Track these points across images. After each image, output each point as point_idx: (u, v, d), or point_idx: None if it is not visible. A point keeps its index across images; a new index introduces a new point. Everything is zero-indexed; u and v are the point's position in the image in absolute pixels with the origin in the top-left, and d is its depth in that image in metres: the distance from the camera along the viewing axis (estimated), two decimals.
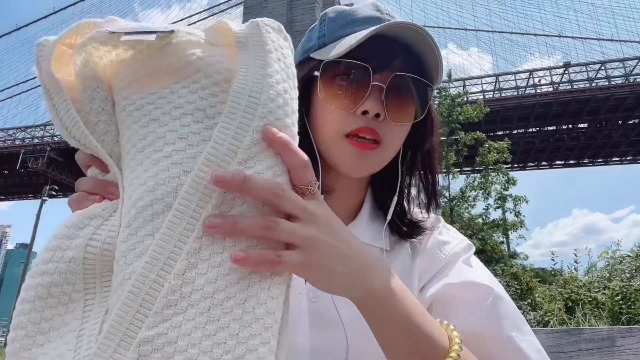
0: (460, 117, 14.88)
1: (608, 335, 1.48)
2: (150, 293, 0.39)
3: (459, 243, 0.74)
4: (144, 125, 0.44)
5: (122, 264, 0.41)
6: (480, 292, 0.65)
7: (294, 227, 0.42)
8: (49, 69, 0.45)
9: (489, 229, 14.52)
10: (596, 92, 23.91)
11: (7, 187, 37.53)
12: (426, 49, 0.63)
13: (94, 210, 0.45)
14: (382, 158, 0.68)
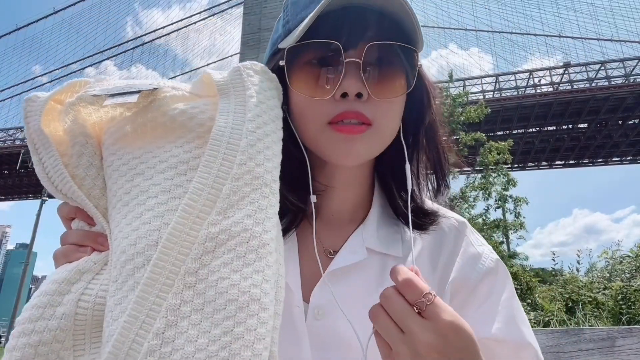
0: (462, 117, 14.88)
1: (608, 335, 1.48)
2: (130, 354, 0.38)
3: (490, 254, 0.69)
4: (130, 180, 0.45)
5: (109, 319, 0.40)
6: (529, 356, 0.62)
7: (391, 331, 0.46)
8: (37, 124, 0.46)
9: (489, 230, 14.52)
10: (596, 92, 23.92)
11: (7, 187, 37.54)
12: (400, 11, 0.55)
13: (85, 264, 0.44)
14: (375, 140, 0.59)
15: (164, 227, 0.41)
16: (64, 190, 0.47)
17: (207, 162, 0.43)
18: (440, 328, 0.45)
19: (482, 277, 0.65)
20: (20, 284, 31.33)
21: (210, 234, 0.41)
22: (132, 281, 0.40)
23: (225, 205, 0.42)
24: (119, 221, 0.44)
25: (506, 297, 0.65)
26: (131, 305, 0.39)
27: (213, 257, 0.40)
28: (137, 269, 0.40)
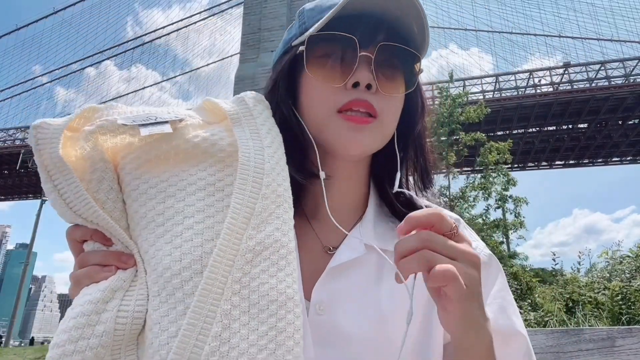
0: (461, 117, 14.89)
1: (608, 335, 1.48)
2: (192, 357, 0.42)
3: (484, 249, 0.71)
4: (161, 201, 0.49)
5: (157, 330, 0.44)
6: (521, 345, 0.65)
7: (457, 265, 0.47)
8: (55, 151, 0.47)
9: (489, 230, 14.51)
10: (596, 92, 23.92)
11: (7, 187, 37.52)
12: (412, 18, 0.61)
13: (116, 283, 0.47)
14: (379, 133, 0.63)
15: (205, 243, 0.46)
16: (85, 214, 0.49)
17: (240, 185, 0.50)
18: (469, 243, 0.50)
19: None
20: (20, 284, 31.38)
21: (248, 246, 0.47)
22: (181, 293, 0.44)
23: (258, 221, 0.49)
24: (154, 241, 0.48)
25: (497, 289, 0.67)
26: (189, 314, 0.43)
27: (252, 266, 0.47)
28: (184, 282, 0.45)
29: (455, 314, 0.48)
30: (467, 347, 0.52)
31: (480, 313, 0.50)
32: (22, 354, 22.28)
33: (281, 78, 0.67)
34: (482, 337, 0.51)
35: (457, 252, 0.47)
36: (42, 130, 0.49)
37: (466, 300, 0.47)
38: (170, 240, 0.47)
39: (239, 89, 31.87)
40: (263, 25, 31.24)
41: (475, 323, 0.50)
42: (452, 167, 14.93)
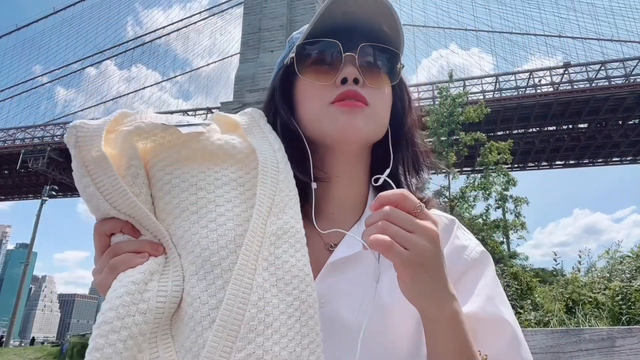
0: (461, 117, 14.87)
1: (608, 335, 1.48)
2: (234, 323, 0.49)
3: (476, 247, 0.75)
4: (193, 193, 0.57)
5: (198, 304, 0.50)
6: (505, 331, 0.67)
7: (405, 234, 0.52)
8: (98, 148, 0.53)
9: (489, 230, 14.51)
10: (596, 92, 23.90)
11: (7, 187, 37.51)
12: (387, 21, 0.68)
13: (151, 267, 0.53)
14: (372, 119, 0.69)
15: (236, 227, 0.55)
16: (121, 205, 0.54)
17: (262, 180, 0.59)
18: (434, 221, 0.55)
19: (468, 267, 0.72)
20: (20, 284, 31.40)
21: (272, 230, 0.56)
22: (219, 270, 0.52)
23: (278, 210, 0.58)
24: (189, 226, 0.55)
25: (486, 282, 0.71)
26: (230, 286, 0.50)
27: (275, 247, 0.55)
28: (222, 259, 0.52)
29: (404, 280, 0.53)
30: (429, 318, 0.56)
31: (435, 284, 0.54)
32: (22, 354, 22.27)
33: (277, 87, 0.75)
34: (444, 309, 0.55)
35: (414, 225, 0.52)
36: (82, 129, 0.54)
37: (411, 268, 0.52)
38: (206, 225, 0.54)
39: (239, 89, 31.78)
40: (263, 25, 31.25)
41: (431, 293, 0.54)
42: (452, 167, 14.92)
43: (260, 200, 0.57)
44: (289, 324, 0.51)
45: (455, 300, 0.57)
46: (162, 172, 0.58)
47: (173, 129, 0.59)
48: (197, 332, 0.49)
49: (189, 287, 0.52)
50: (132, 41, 44.69)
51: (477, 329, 0.65)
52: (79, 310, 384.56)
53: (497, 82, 26.51)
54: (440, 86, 17.13)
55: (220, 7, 38.91)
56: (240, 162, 0.61)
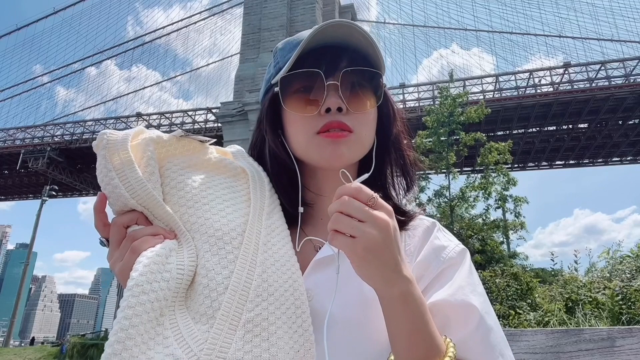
0: (461, 117, 14.87)
1: (608, 335, 1.48)
2: (244, 289, 0.60)
3: (455, 247, 0.78)
4: (203, 190, 0.70)
5: (212, 274, 0.61)
6: (472, 316, 0.69)
7: (355, 224, 0.56)
8: (127, 152, 0.65)
9: (489, 230, 14.51)
10: (596, 92, 23.90)
11: (7, 187, 37.52)
12: (365, 43, 0.71)
13: (169, 245, 0.63)
14: (356, 145, 0.74)
15: (240, 217, 0.68)
16: (140, 196, 0.65)
17: (253, 190, 0.73)
18: (388, 211, 0.59)
19: (446, 265, 0.75)
20: (20, 284, 31.42)
21: (266, 224, 0.69)
22: (230, 247, 0.64)
23: (267, 212, 0.72)
24: (202, 214, 0.67)
25: (460, 274, 0.74)
26: (239, 260, 0.63)
27: (269, 237, 0.68)
28: (232, 239, 0.64)
29: (353, 264, 0.58)
30: (381, 296, 0.61)
31: (384, 267, 0.58)
32: (22, 354, 22.27)
33: (265, 116, 0.80)
34: (393, 287, 0.59)
35: (364, 215, 0.57)
36: (112, 136, 0.66)
37: (358, 254, 0.56)
38: (217, 212, 0.67)
39: (239, 89, 31.68)
40: (263, 25, 31.26)
41: (381, 275, 0.58)
42: (452, 167, 14.92)
43: (254, 204, 0.71)
44: (286, 295, 0.63)
45: (410, 282, 0.60)
46: (176, 173, 0.70)
47: (189, 139, 0.74)
48: (212, 297, 0.59)
49: (203, 261, 0.62)
50: (132, 41, 44.71)
51: (447, 316, 0.69)
52: (79, 310, 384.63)
53: (497, 82, 26.52)
54: (440, 86, 17.14)
55: (220, 7, 38.92)
56: (235, 175, 0.75)
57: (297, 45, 0.74)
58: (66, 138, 32.03)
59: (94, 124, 32.77)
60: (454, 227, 13.96)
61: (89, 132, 32.06)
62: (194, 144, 0.75)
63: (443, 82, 18.48)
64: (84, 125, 33.01)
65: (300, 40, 0.75)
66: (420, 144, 15.04)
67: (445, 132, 15.00)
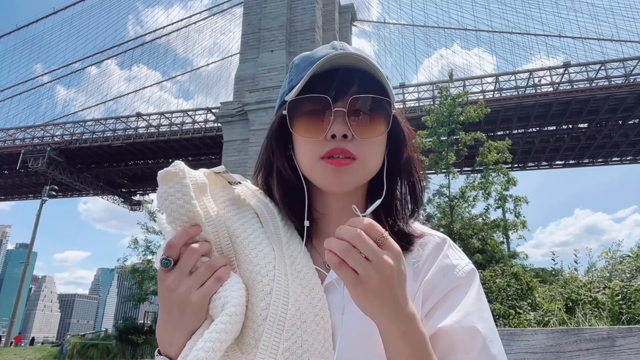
0: (461, 117, 14.87)
1: (608, 335, 1.48)
2: (280, 319, 0.65)
3: (465, 266, 0.78)
4: (242, 224, 0.76)
5: (254, 307, 0.66)
6: (476, 344, 0.69)
7: (362, 262, 0.57)
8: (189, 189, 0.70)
9: (489, 229, 14.51)
10: (596, 92, 23.91)
11: (7, 187, 37.51)
12: (374, 70, 0.72)
13: (239, 278, 0.70)
14: (360, 172, 0.74)
15: (269, 252, 0.73)
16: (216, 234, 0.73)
17: (265, 222, 0.78)
18: (395, 254, 0.60)
19: (454, 285, 0.75)
20: (20, 284, 31.40)
21: (288, 254, 0.74)
22: (267, 279, 0.69)
23: (286, 240, 0.76)
24: (242, 250, 0.73)
25: (469, 298, 0.74)
26: (274, 292, 0.67)
27: (295, 265, 0.73)
28: (268, 272, 0.69)
29: (352, 297, 0.59)
30: (381, 331, 0.63)
31: (384, 306, 0.59)
32: (22, 354, 22.26)
33: (273, 134, 0.81)
34: (392, 326, 0.61)
35: (373, 255, 0.57)
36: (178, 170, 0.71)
37: (358, 290, 0.58)
38: (254, 247, 0.72)
39: (239, 88, 31.56)
40: (263, 25, 31.22)
41: (380, 313, 0.60)
42: (452, 167, 14.92)
43: (270, 233, 0.76)
44: (316, 321, 0.67)
45: (410, 320, 0.62)
46: (222, 206, 0.76)
47: (220, 176, 0.78)
48: (254, 329, 0.64)
49: (247, 294, 0.67)
50: (133, 41, 44.70)
51: (453, 343, 0.69)
52: (79, 310, 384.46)
53: (497, 82, 26.52)
54: (440, 86, 17.13)
55: (221, 6, 38.90)
56: (252, 210, 0.80)
57: (311, 64, 0.74)
58: (66, 138, 32.04)
59: (94, 124, 32.78)
60: (454, 226, 13.96)
61: (89, 132, 32.08)
62: (222, 180, 0.79)
63: (443, 82, 18.47)
64: (84, 125, 33.02)
65: (314, 60, 0.75)
66: (420, 144, 15.04)
67: (445, 132, 15.00)
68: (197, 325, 0.66)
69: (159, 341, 0.70)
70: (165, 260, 0.67)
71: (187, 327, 0.66)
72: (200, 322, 0.66)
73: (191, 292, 0.65)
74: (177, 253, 0.67)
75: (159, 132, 30.87)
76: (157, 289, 0.71)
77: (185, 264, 0.66)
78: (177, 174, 0.69)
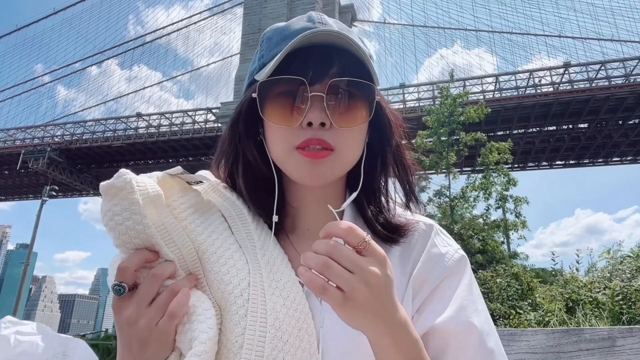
0: (462, 117, 14.87)
1: (609, 335, 1.48)
2: (259, 344, 0.58)
3: (454, 254, 0.73)
4: (209, 236, 0.67)
5: (228, 333, 0.60)
6: (472, 340, 0.66)
7: (345, 276, 0.52)
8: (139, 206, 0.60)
9: (490, 230, 14.50)
10: (596, 92, 23.88)
11: (7, 187, 37.49)
12: (357, 50, 0.63)
13: (209, 303, 0.62)
14: (337, 164, 0.67)
15: (242, 265, 0.65)
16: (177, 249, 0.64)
17: (234, 224, 0.70)
18: (380, 260, 0.54)
19: (444, 276, 0.71)
20: (20, 284, 31.41)
21: (264, 262, 0.66)
22: (241, 299, 0.62)
23: (260, 244, 0.68)
24: (211, 267, 0.65)
25: (461, 289, 0.70)
26: (249, 314, 0.60)
27: (272, 273, 0.65)
28: (242, 290, 0.63)
29: (340, 317, 0.54)
30: (371, 341, 0.58)
31: (373, 318, 0.54)
32: None
33: (240, 120, 0.71)
34: (383, 337, 0.56)
35: (355, 266, 0.52)
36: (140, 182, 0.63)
37: (346, 309, 0.52)
38: (225, 263, 0.65)
39: (239, 89, 31.75)
40: (263, 25, 31.24)
41: (370, 326, 0.54)
42: (452, 167, 14.91)
43: (242, 239, 0.67)
44: (300, 336, 0.61)
45: (402, 328, 0.57)
46: (184, 213, 0.67)
47: (177, 177, 0.70)
48: (229, 358, 0.57)
49: (220, 318, 0.61)
50: (133, 41, 44.71)
51: (448, 340, 0.65)
52: (79, 311, 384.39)
53: (497, 82, 26.50)
54: (440, 86, 17.13)
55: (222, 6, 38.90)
56: (214, 212, 0.72)
57: (285, 39, 0.66)
58: (66, 138, 32.01)
59: (94, 124, 32.76)
60: (454, 227, 13.96)
61: (89, 132, 32.06)
62: (180, 183, 0.69)
63: (443, 82, 18.45)
64: (84, 125, 33.00)
65: (288, 33, 0.67)
66: (420, 144, 15.03)
67: (445, 132, 14.99)
68: (162, 358, 0.58)
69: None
70: (118, 287, 0.57)
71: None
72: (166, 355, 0.59)
73: (152, 326, 0.57)
74: (131, 278, 0.58)
75: (159, 132, 30.84)
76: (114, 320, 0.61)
77: (145, 293, 0.58)
78: (123, 187, 0.58)
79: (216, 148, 0.77)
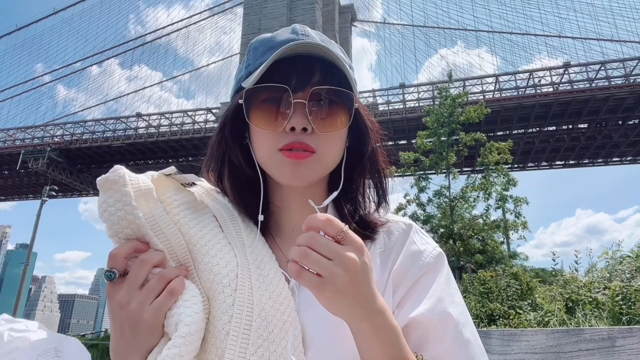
0: (461, 117, 14.87)
1: (608, 335, 1.48)
2: (245, 332, 0.61)
3: (432, 251, 0.77)
4: (200, 230, 0.70)
5: (215, 321, 0.62)
6: (449, 330, 0.69)
7: (322, 263, 0.55)
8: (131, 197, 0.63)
9: (489, 230, 14.50)
10: (596, 92, 23.90)
11: (7, 187, 37.49)
12: (337, 60, 0.69)
13: (198, 290, 0.65)
14: (318, 166, 0.71)
15: (231, 258, 0.68)
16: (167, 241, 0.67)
17: (225, 224, 0.74)
18: (358, 247, 0.58)
19: (422, 272, 0.74)
20: (20, 284, 31.40)
21: (252, 259, 0.69)
22: (229, 289, 0.64)
23: (249, 242, 0.71)
24: (201, 258, 0.68)
25: (439, 284, 0.74)
26: (236, 303, 0.63)
27: (259, 271, 0.68)
28: (230, 281, 0.65)
29: (319, 301, 0.57)
30: (352, 328, 0.61)
31: (353, 303, 0.57)
32: None
33: (227, 125, 0.77)
34: (363, 323, 0.59)
35: (332, 253, 0.55)
36: (134, 179, 0.67)
37: (323, 293, 0.55)
38: (215, 254, 0.68)
39: None
40: (263, 25, 31.23)
41: (349, 312, 0.58)
42: (452, 167, 14.92)
43: (232, 238, 0.71)
44: (285, 328, 0.63)
45: (381, 314, 0.59)
46: (177, 210, 0.71)
47: (171, 178, 0.73)
48: (216, 345, 0.60)
49: (208, 307, 0.63)
50: (133, 41, 44.72)
51: (426, 331, 0.68)
52: (79, 311, 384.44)
53: (497, 82, 26.52)
54: (440, 86, 17.13)
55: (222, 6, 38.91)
56: (207, 212, 0.75)
57: (270, 49, 0.72)
58: (66, 138, 32.04)
59: (94, 124, 32.79)
60: (454, 227, 13.96)
61: (89, 132, 32.09)
62: (174, 183, 0.73)
63: (443, 82, 18.46)
64: (84, 125, 33.02)
65: (273, 44, 0.72)
66: (420, 144, 15.04)
67: (445, 132, 15.00)
68: (153, 343, 0.61)
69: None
70: (109, 273, 0.61)
71: (142, 346, 0.61)
72: (156, 340, 0.61)
73: (143, 309, 0.60)
74: (121, 264, 0.62)
75: (159, 132, 30.87)
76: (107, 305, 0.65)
77: (135, 277, 0.61)
78: (117, 181, 0.63)
79: (206, 152, 0.82)
